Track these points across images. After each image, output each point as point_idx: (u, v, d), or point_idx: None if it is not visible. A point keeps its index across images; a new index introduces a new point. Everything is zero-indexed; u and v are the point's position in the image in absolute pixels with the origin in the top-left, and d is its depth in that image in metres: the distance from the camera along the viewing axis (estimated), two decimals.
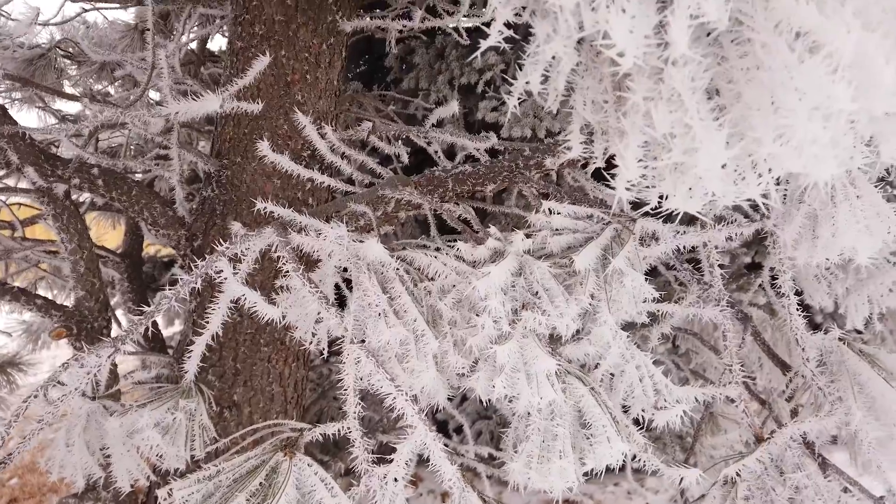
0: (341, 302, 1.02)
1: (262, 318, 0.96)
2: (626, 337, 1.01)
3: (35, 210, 2.20)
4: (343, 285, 1.09)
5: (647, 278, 1.03)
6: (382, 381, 0.85)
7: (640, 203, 0.60)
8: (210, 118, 1.40)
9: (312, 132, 1.38)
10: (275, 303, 1.00)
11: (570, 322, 0.95)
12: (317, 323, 1.04)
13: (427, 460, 0.85)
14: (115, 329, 1.86)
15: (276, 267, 1.54)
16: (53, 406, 0.88)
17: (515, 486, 0.92)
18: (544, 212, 1.02)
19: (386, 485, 0.82)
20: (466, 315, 0.97)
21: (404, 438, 0.85)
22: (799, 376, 1.13)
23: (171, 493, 0.84)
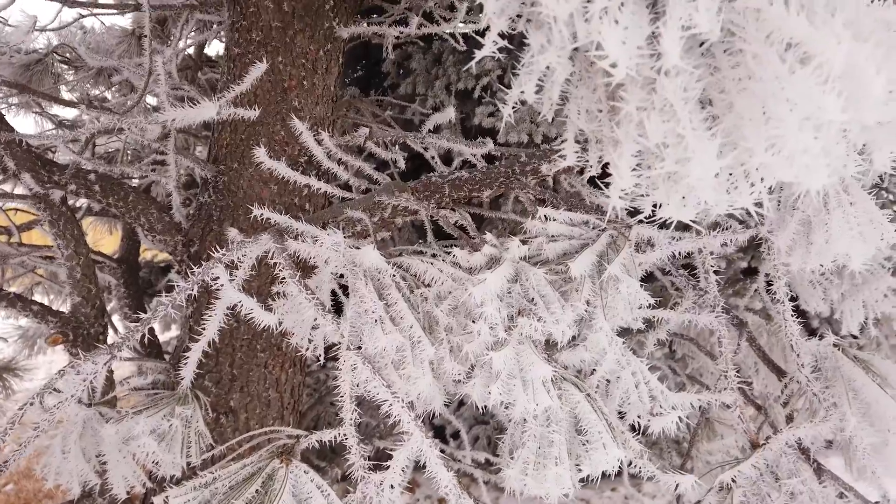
0: (338, 308, 1.03)
1: (258, 325, 0.97)
2: (621, 343, 1.01)
3: (31, 215, 2.20)
4: (339, 291, 1.09)
5: (642, 284, 1.03)
6: (379, 388, 0.85)
7: (636, 210, 0.61)
8: (207, 123, 1.41)
9: (309, 138, 1.38)
10: (271, 309, 1.00)
11: (566, 328, 0.95)
12: (313, 329, 1.04)
13: (424, 466, 0.85)
14: (111, 335, 1.86)
15: (272, 273, 1.55)
16: (49, 413, 0.88)
17: (511, 492, 0.92)
18: (540, 218, 1.03)
19: (382, 491, 0.83)
20: (463, 321, 0.98)
21: (401, 444, 0.85)
22: (794, 382, 1.13)
23: (167, 500, 0.84)
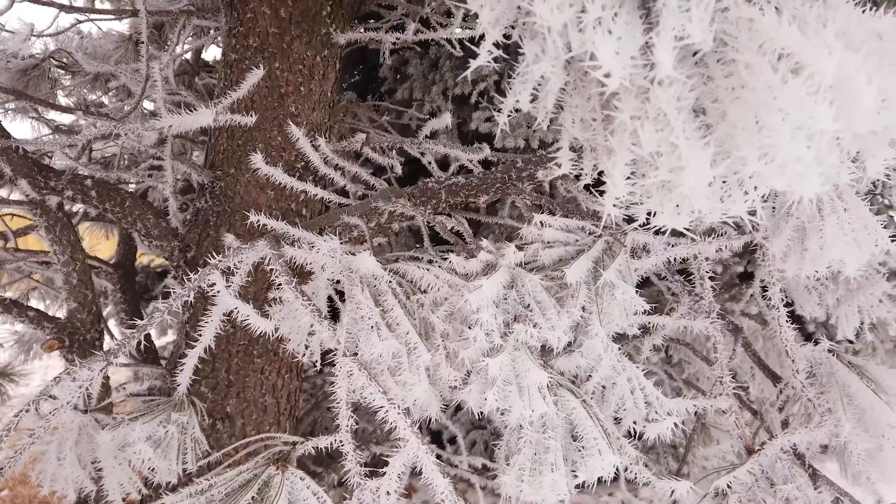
0: (334, 314, 1.03)
1: (255, 330, 0.97)
2: (617, 349, 1.01)
3: (28, 220, 2.20)
4: (336, 297, 1.09)
5: (638, 289, 1.03)
6: (375, 394, 0.85)
7: (632, 216, 0.61)
8: (204, 129, 1.41)
9: (306, 144, 1.39)
10: (268, 315, 1.00)
11: (562, 334, 0.95)
12: (309, 335, 1.04)
13: (421, 471, 0.85)
14: (107, 340, 1.86)
15: (269, 278, 1.55)
16: (45, 420, 0.88)
17: (508, 498, 0.92)
18: (536, 224, 1.03)
19: (378, 498, 0.83)
20: (459, 327, 0.98)
21: (397, 450, 0.85)
22: (789, 387, 1.13)
23: None
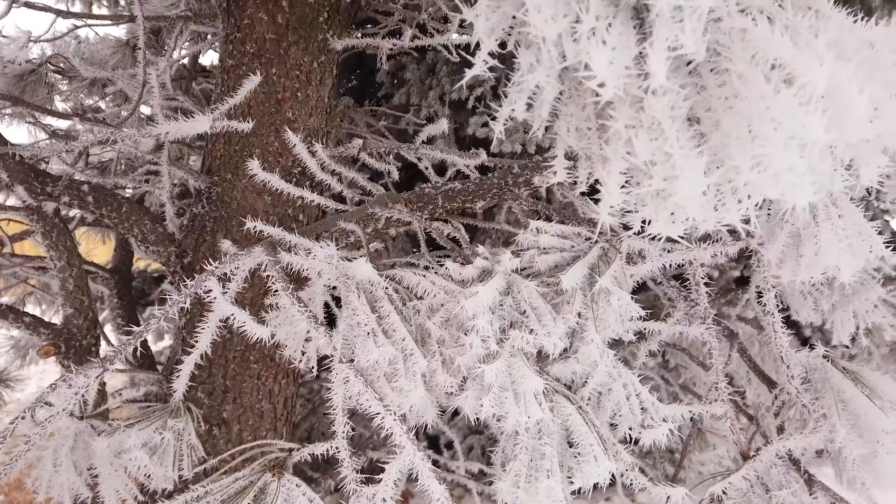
0: (331, 320, 1.03)
1: (251, 336, 0.97)
2: (613, 355, 1.01)
3: (24, 226, 2.19)
4: (332, 303, 1.09)
5: (634, 295, 1.04)
6: (371, 401, 0.86)
7: (627, 224, 0.62)
8: (201, 134, 1.41)
9: (303, 150, 1.39)
10: (264, 321, 1.00)
11: (558, 341, 0.96)
12: (306, 341, 1.04)
13: (417, 478, 0.85)
14: (103, 346, 1.85)
15: (265, 284, 1.55)
16: (41, 426, 0.87)
17: None
18: (532, 231, 1.03)
19: None
20: (455, 334, 0.98)
21: (393, 457, 0.85)
22: (785, 393, 1.14)
23: None
